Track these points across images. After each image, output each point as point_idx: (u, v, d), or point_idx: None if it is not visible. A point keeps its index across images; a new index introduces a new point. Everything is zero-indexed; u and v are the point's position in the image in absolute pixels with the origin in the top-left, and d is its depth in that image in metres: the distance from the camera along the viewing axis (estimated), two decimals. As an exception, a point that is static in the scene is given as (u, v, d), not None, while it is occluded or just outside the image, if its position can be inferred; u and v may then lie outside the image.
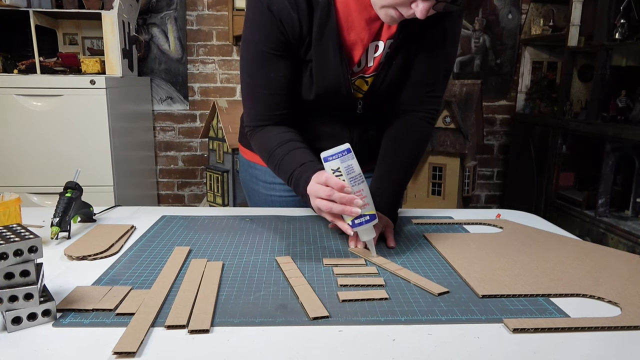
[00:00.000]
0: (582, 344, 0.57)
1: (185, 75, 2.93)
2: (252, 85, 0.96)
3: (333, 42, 0.89)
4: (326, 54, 0.90)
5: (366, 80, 0.98)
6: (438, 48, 0.96)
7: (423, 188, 2.62)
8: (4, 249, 0.55)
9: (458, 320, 0.62)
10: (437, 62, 0.98)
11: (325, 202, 0.78)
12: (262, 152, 0.98)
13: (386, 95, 1.00)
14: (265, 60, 0.92)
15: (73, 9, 2.44)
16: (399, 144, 1.02)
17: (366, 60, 0.95)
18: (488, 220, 1.07)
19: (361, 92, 0.99)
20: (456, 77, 2.98)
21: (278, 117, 0.97)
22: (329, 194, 0.77)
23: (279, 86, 0.94)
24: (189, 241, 0.90)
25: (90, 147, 2.24)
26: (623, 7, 2.17)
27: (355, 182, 0.79)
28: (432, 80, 1.00)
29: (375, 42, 0.94)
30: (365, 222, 0.79)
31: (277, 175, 0.96)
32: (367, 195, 0.80)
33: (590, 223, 2.27)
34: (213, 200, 2.60)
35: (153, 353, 0.53)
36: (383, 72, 0.95)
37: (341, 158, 0.78)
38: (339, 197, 0.77)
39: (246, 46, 0.94)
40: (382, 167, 1.01)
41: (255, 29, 0.90)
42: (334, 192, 0.77)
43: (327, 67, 0.92)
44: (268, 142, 0.96)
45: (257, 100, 0.97)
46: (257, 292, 0.69)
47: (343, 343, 0.56)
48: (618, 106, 2.29)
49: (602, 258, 0.84)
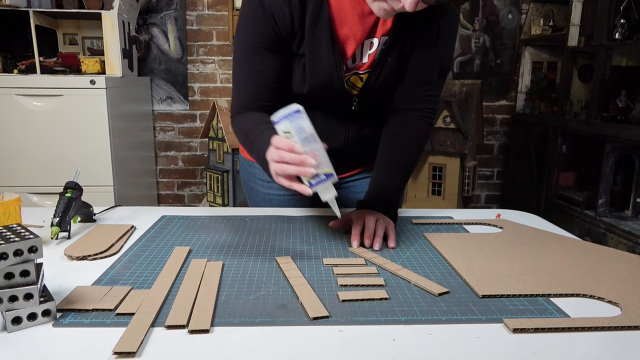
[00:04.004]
0: (582, 344, 0.57)
1: (185, 75, 2.93)
2: (240, 76, 0.97)
3: (326, 36, 0.89)
4: (319, 48, 0.90)
5: (360, 77, 0.98)
6: (433, 46, 0.96)
7: (423, 188, 2.62)
8: (4, 249, 0.55)
9: (458, 320, 0.62)
10: (432, 60, 0.98)
11: (278, 165, 0.77)
12: (240, 135, 0.98)
13: (381, 93, 1.00)
14: (255, 53, 0.92)
15: (73, 9, 2.43)
16: (397, 143, 1.02)
17: (361, 56, 0.95)
18: (488, 220, 1.07)
19: (356, 88, 0.99)
20: (456, 77, 2.98)
21: (263, 108, 0.96)
22: (281, 157, 0.76)
23: (267, 79, 0.94)
24: (189, 241, 0.90)
25: (90, 147, 2.24)
26: (623, 7, 2.17)
27: (307, 142, 0.77)
28: (427, 79, 0.99)
29: (370, 39, 0.94)
30: (322, 180, 0.78)
31: (252, 157, 0.95)
32: (322, 154, 0.78)
33: (590, 223, 2.27)
34: (213, 200, 2.60)
35: (153, 353, 0.53)
36: (377, 69, 0.95)
37: (289, 119, 0.76)
38: (290, 158, 0.75)
39: (238, 39, 0.95)
40: (381, 166, 1.01)
41: (248, 22, 0.92)
42: (285, 153, 0.75)
43: (319, 61, 0.92)
44: (246, 125, 0.96)
45: (244, 90, 0.98)
46: (257, 292, 0.69)
47: (343, 343, 0.56)
48: (618, 106, 2.29)
49: (602, 258, 0.84)
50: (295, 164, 0.75)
